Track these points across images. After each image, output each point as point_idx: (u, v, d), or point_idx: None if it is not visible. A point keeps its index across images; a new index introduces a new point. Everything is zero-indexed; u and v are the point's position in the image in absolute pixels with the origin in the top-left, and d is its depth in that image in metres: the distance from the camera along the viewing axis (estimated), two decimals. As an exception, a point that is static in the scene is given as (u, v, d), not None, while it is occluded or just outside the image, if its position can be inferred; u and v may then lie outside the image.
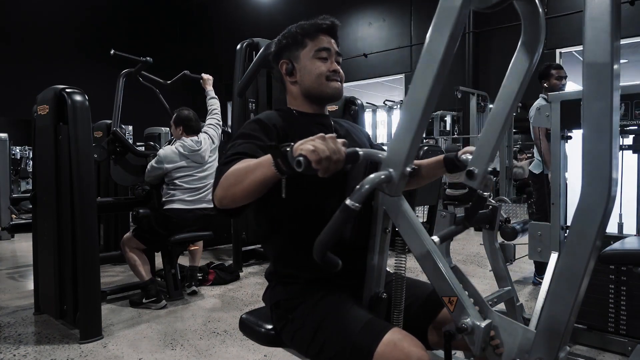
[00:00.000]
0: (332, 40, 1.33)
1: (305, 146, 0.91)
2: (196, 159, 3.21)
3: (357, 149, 1.01)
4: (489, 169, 1.17)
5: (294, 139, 0.96)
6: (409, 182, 1.42)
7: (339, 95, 1.34)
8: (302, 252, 1.24)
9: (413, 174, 0.99)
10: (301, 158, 0.89)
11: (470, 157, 1.21)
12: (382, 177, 0.99)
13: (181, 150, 3.16)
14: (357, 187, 0.95)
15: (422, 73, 0.97)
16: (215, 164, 3.31)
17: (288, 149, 0.94)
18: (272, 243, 1.32)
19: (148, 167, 3.21)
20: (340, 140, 0.95)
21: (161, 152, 3.16)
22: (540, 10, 1.04)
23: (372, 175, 0.98)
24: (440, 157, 1.37)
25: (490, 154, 1.15)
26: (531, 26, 1.06)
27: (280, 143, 0.97)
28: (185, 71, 3.81)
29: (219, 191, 1.08)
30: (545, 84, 3.34)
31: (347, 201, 0.94)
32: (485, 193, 1.20)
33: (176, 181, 3.16)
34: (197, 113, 3.46)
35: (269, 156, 0.99)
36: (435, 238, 1.20)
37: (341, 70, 1.33)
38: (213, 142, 3.39)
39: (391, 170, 1.00)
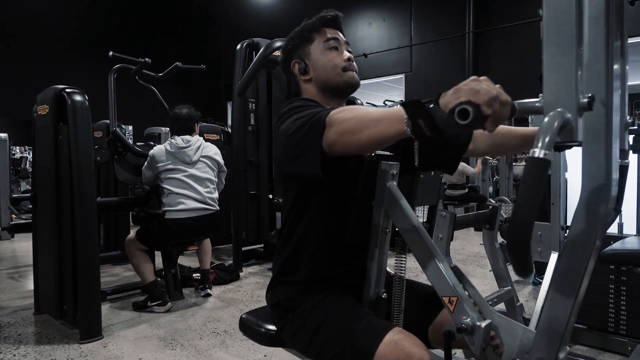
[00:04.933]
0: (338, 32, 1.32)
1: (463, 92, 0.73)
2: (182, 158, 3.08)
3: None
4: None
5: None
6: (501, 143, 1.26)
7: (357, 85, 1.30)
8: (307, 253, 1.24)
9: (587, 108, 0.75)
10: (466, 106, 0.71)
11: None
12: (560, 117, 0.74)
13: (168, 148, 3.09)
14: (538, 136, 0.72)
15: None
16: (204, 167, 3.19)
17: (432, 106, 0.76)
18: (284, 238, 1.29)
19: (143, 168, 3.18)
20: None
21: (152, 151, 3.12)
22: None
23: (546, 120, 0.74)
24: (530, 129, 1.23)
25: None
26: None
27: None
28: (177, 63, 3.77)
29: (333, 135, 0.96)
30: None
31: (537, 152, 0.71)
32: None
33: (165, 184, 3.06)
34: (193, 104, 3.39)
35: (397, 111, 0.83)
36: None
37: (353, 59, 1.30)
38: (215, 161, 3.27)
39: (561, 109, 0.75)
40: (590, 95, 0.74)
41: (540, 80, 0.78)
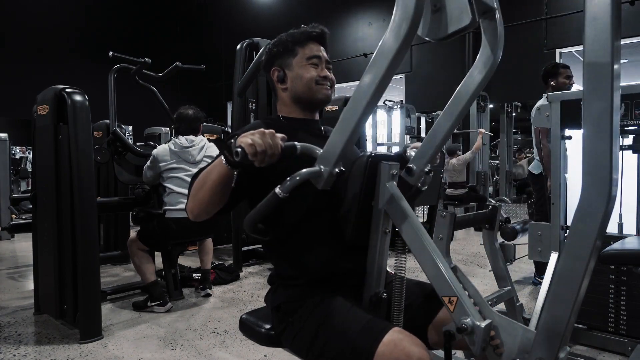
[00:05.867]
0: (322, 48, 1.35)
1: (245, 139, 1.00)
2: (186, 157, 3.09)
3: (296, 143, 1.07)
4: (426, 169, 1.25)
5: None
6: None
7: (328, 100, 1.37)
8: (308, 254, 1.25)
9: (340, 175, 1.06)
10: (239, 149, 0.99)
11: (412, 153, 1.28)
12: (312, 172, 1.05)
13: (172, 147, 3.10)
14: (289, 178, 1.02)
15: (364, 84, 1.03)
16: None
17: (232, 141, 1.03)
18: (274, 246, 1.32)
19: (144, 168, 3.18)
20: (279, 135, 1.03)
21: (154, 151, 3.13)
22: (500, 28, 1.09)
23: (304, 170, 1.04)
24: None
25: (430, 155, 1.24)
26: (491, 44, 1.11)
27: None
28: (177, 63, 3.77)
29: (189, 203, 1.17)
30: (552, 82, 3.31)
31: (277, 189, 1.02)
32: (423, 187, 1.29)
33: (166, 183, 3.07)
34: (193, 104, 3.39)
35: (218, 158, 1.08)
36: None
37: (332, 75, 1.35)
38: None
39: (322, 167, 1.06)
40: (342, 169, 1.06)
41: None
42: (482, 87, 1.18)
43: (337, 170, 1.06)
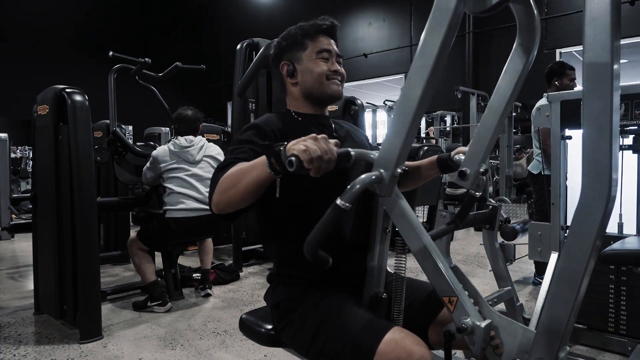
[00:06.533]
0: (332, 41, 1.33)
1: (297, 146, 0.92)
2: (185, 157, 3.09)
3: (350, 149, 1.01)
4: (481, 169, 1.17)
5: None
6: (404, 183, 1.41)
7: (339, 96, 1.34)
8: (304, 255, 1.24)
9: (404, 175, 0.99)
10: (293, 158, 0.91)
11: (463, 157, 1.22)
12: (373, 177, 0.99)
13: (172, 148, 3.10)
14: (349, 186, 0.95)
15: (416, 75, 0.97)
16: (207, 166, 3.19)
17: (281, 149, 0.95)
18: (274, 244, 1.32)
19: (144, 169, 3.18)
20: (332, 141, 0.95)
21: (154, 152, 3.13)
22: (536, 11, 1.04)
23: (363, 176, 0.98)
24: (434, 157, 1.36)
25: (482, 155, 1.16)
26: (527, 28, 1.06)
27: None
28: (177, 63, 3.78)
29: (216, 196, 1.09)
30: (556, 82, 3.30)
31: (338, 200, 0.94)
32: (477, 193, 1.20)
33: (167, 184, 3.07)
34: (193, 104, 3.39)
35: (263, 157, 1.00)
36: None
37: (342, 70, 1.34)
38: (218, 161, 3.23)
39: (382, 170, 1.00)
40: (405, 167, 1.00)
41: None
42: (527, 70, 1.10)
43: (400, 170, 1.00)
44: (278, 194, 1.07)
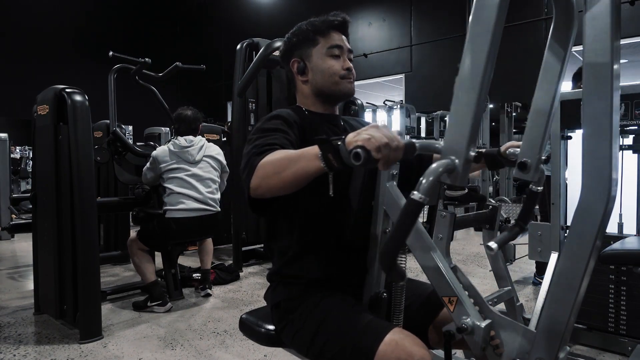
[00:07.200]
0: (344, 37, 1.31)
1: (360, 136, 0.85)
2: (185, 157, 3.09)
3: (414, 140, 0.92)
4: (543, 157, 1.09)
5: (310, 136, 0.93)
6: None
7: (351, 94, 1.32)
8: (308, 253, 1.24)
9: (477, 159, 0.91)
10: (359, 150, 0.83)
11: (516, 150, 1.15)
12: (446, 166, 0.88)
13: (172, 148, 3.10)
14: (421, 179, 0.84)
15: (474, 45, 0.89)
16: (207, 166, 3.21)
17: (339, 143, 0.89)
18: (277, 243, 1.31)
19: (144, 169, 3.18)
20: (394, 130, 0.91)
21: (154, 153, 3.13)
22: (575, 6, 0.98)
23: (433, 165, 0.86)
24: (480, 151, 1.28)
25: (540, 142, 1.07)
26: (563, 15, 1.00)
27: (302, 139, 0.93)
28: (177, 63, 3.77)
29: (255, 180, 1.03)
30: (580, 85, 3.30)
31: (415, 195, 0.82)
32: (538, 188, 1.13)
33: (167, 184, 3.06)
34: (193, 104, 3.39)
35: (312, 149, 0.95)
36: (493, 244, 1.13)
37: (353, 69, 1.31)
38: (217, 161, 3.27)
39: (453, 157, 0.89)
40: (484, 144, 0.85)
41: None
42: (567, 61, 1.02)
43: (473, 153, 0.90)
44: (332, 192, 1.03)
